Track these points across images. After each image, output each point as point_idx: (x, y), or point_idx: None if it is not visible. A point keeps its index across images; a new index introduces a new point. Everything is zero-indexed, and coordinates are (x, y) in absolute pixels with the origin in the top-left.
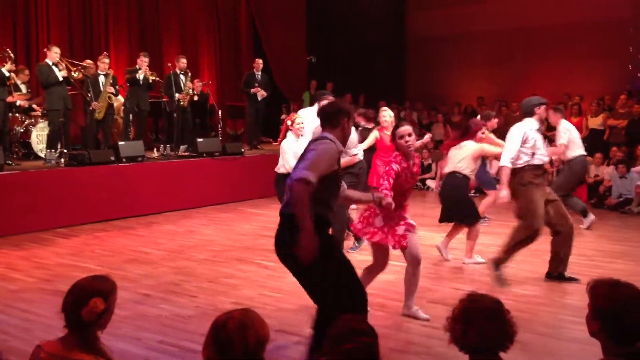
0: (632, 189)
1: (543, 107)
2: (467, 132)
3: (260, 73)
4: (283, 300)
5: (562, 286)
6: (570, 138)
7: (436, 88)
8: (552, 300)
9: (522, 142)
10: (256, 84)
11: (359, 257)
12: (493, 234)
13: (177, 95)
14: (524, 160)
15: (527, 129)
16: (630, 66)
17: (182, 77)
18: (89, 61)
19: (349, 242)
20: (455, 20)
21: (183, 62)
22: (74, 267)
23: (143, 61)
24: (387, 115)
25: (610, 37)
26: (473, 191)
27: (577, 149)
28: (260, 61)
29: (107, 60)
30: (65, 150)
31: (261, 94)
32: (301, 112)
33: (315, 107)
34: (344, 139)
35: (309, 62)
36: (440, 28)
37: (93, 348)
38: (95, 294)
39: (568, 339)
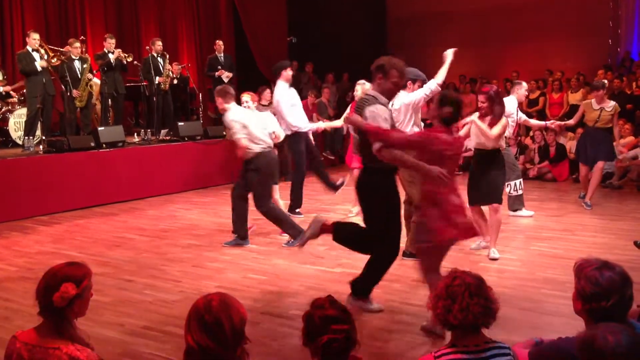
0: (613, 163)
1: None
2: None
3: (222, 55)
4: (268, 282)
5: (544, 261)
6: None
7: (418, 67)
8: (534, 275)
9: None
10: (219, 67)
11: None
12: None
13: (157, 78)
14: None
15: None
16: (610, 41)
17: (160, 60)
18: (69, 47)
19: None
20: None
21: (159, 44)
22: (56, 255)
23: (110, 43)
24: (359, 89)
25: (591, 13)
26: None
27: None
28: (221, 42)
29: (78, 45)
30: (44, 137)
31: (226, 75)
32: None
33: (280, 83)
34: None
35: (289, 43)
36: (421, 7)
37: (66, 334)
38: (66, 279)
39: (551, 313)
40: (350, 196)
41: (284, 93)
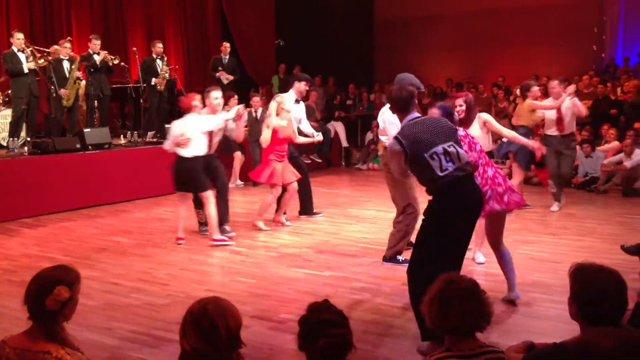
0: (598, 167)
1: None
2: None
3: (227, 57)
4: (256, 286)
5: (531, 264)
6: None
7: (405, 70)
8: (523, 279)
9: None
10: (220, 68)
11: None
12: None
13: (153, 80)
14: None
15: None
16: (594, 46)
17: (158, 61)
18: (56, 47)
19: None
20: (422, 3)
21: (159, 47)
22: (41, 258)
23: (95, 44)
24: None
25: (577, 19)
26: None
27: None
28: (228, 45)
29: (68, 45)
30: (28, 139)
31: (226, 77)
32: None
33: (291, 92)
34: None
35: (277, 46)
36: (408, 11)
37: (58, 338)
38: (59, 283)
39: (540, 316)
40: (335, 200)
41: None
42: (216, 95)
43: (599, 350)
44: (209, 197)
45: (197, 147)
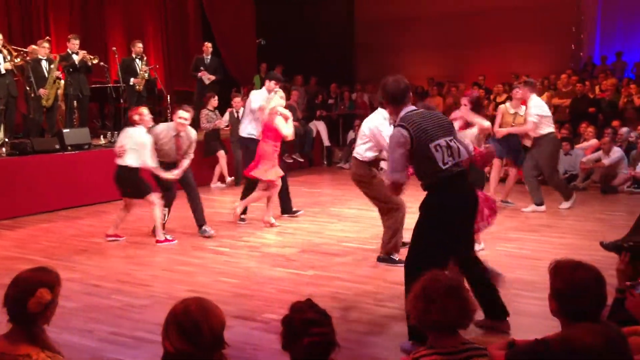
0: (577, 165)
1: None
2: None
3: (209, 57)
4: (239, 286)
5: (512, 261)
6: (542, 114)
7: (386, 70)
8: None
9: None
10: (202, 68)
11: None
12: None
13: (132, 80)
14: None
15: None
16: (572, 45)
17: (137, 61)
18: (33, 46)
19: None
20: (403, 3)
21: (139, 46)
22: (20, 260)
23: (74, 44)
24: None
25: (555, 18)
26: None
27: (548, 126)
28: (210, 45)
29: (47, 45)
30: (6, 139)
31: (208, 77)
32: (253, 93)
33: (264, 90)
34: None
35: (258, 45)
36: (389, 11)
37: (38, 341)
38: (40, 285)
39: (520, 313)
40: (317, 199)
41: (257, 99)
42: (182, 115)
43: (581, 346)
44: (153, 200)
45: (129, 158)
